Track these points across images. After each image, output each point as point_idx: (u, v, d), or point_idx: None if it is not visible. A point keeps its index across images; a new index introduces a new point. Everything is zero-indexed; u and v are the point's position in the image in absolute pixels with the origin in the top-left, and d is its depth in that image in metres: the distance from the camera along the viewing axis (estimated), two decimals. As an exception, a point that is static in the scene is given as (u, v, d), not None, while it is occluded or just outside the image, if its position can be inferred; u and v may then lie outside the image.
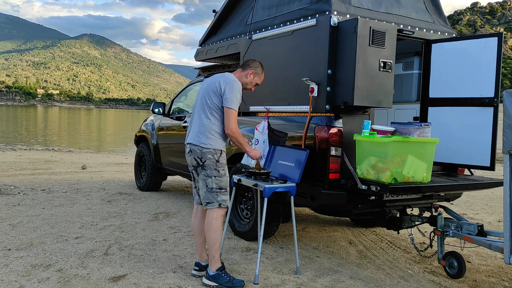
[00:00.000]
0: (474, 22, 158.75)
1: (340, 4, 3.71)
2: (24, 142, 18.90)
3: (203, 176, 3.18)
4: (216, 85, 3.18)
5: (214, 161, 3.16)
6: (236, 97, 3.15)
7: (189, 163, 3.26)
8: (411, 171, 3.38)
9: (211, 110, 3.17)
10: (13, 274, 3.27)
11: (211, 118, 3.17)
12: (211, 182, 3.16)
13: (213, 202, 3.17)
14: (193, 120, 3.31)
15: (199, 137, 3.17)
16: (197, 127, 3.21)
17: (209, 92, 3.20)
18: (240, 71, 3.36)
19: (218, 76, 3.27)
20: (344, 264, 3.79)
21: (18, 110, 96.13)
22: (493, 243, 3.25)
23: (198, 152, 3.16)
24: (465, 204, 6.66)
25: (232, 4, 5.27)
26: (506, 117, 2.81)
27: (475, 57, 3.91)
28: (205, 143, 3.15)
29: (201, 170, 3.18)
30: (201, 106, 3.23)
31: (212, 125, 3.17)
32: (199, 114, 3.23)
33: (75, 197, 6.23)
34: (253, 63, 3.38)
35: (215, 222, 3.17)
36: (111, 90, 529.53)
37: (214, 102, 3.17)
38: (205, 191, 3.19)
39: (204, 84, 3.33)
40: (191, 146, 3.21)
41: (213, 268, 3.16)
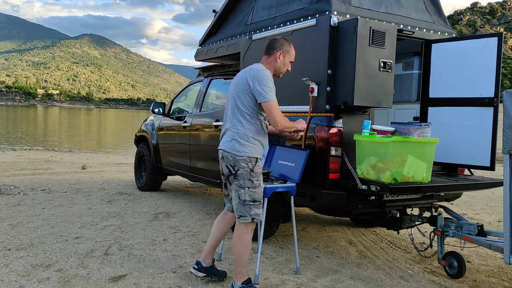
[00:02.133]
0: (474, 22, 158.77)
1: (340, 4, 3.71)
2: (24, 142, 18.90)
3: (236, 186, 2.91)
4: (243, 82, 2.92)
5: (248, 170, 2.88)
6: (268, 87, 2.86)
7: (221, 170, 3.01)
8: (411, 171, 3.38)
9: (243, 113, 2.91)
10: (13, 274, 3.27)
11: (243, 121, 2.91)
12: (244, 194, 2.89)
13: (246, 216, 2.90)
14: (225, 124, 3.04)
15: (232, 144, 2.90)
16: (230, 132, 2.95)
17: (238, 93, 2.94)
18: (266, 57, 3.05)
19: (243, 72, 2.99)
20: (344, 264, 3.79)
21: (18, 110, 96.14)
22: (493, 243, 3.25)
23: (230, 159, 2.89)
24: (465, 204, 6.66)
25: (232, 4, 5.27)
26: (506, 117, 2.81)
27: (475, 57, 3.91)
28: (239, 150, 2.87)
29: (233, 179, 2.91)
30: (232, 110, 2.96)
31: (245, 129, 2.90)
32: (230, 119, 2.97)
33: (75, 197, 6.23)
34: (277, 43, 3.05)
35: (245, 236, 2.94)
36: (111, 90, 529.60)
37: (245, 103, 2.91)
38: (237, 203, 2.92)
39: (232, 84, 3.05)
40: (223, 153, 2.95)
41: (239, 282, 2.98)
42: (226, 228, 3.23)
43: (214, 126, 5.13)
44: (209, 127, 5.25)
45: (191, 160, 5.66)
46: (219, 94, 5.63)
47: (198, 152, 5.53)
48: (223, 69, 5.82)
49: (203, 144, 5.42)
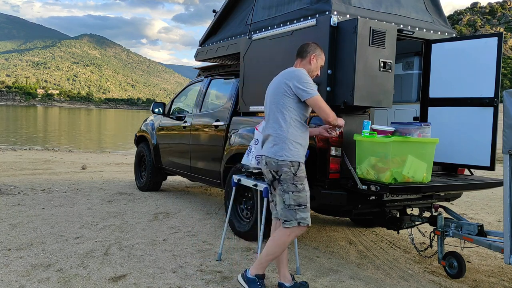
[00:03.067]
0: (474, 22, 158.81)
1: (340, 4, 3.71)
2: (24, 142, 18.90)
3: (280, 191, 2.92)
4: (281, 86, 2.92)
5: (291, 174, 2.86)
6: (309, 83, 2.87)
7: (266, 175, 3.02)
8: (411, 171, 3.38)
9: (284, 116, 2.89)
10: (13, 274, 3.27)
11: (284, 126, 2.89)
12: (288, 198, 2.87)
13: (292, 220, 2.87)
14: (265, 131, 3.04)
15: (274, 149, 2.90)
16: (271, 137, 2.94)
17: (276, 98, 2.94)
18: (299, 60, 3.08)
19: (278, 78, 3.00)
20: (344, 264, 3.79)
21: (18, 110, 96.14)
22: (493, 243, 3.25)
23: (273, 165, 2.90)
24: (465, 204, 6.66)
25: (232, 4, 5.27)
26: (506, 117, 2.81)
27: (475, 57, 3.91)
28: (281, 155, 2.87)
29: (277, 184, 2.92)
30: (273, 116, 2.95)
31: (287, 133, 2.89)
32: (272, 125, 2.96)
33: (75, 197, 6.23)
34: (310, 46, 3.07)
35: (284, 238, 2.91)
36: (111, 90, 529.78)
37: (287, 106, 2.89)
38: (282, 208, 2.91)
39: (268, 93, 3.06)
40: (267, 159, 2.95)
41: (253, 272, 2.98)
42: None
43: (214, 126, 5.13)
44: (209, 127, 5.25)
45: (191, 160, 5.67)
46: (219, 94, 5.64)
47: (198, 152, 5.53)
48: (223, 69, 5.82)
49: (203, 144, 5.42)
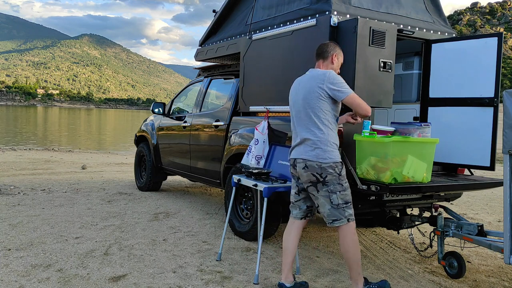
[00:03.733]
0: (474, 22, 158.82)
1: (340, 4, 3.71)
2: (24, 142, 18.90)
3: (325, 192, 2.92)
4: (314, 90, 2.93)
5: (336, 175, 2.91)
6: (342, 82, 2.93)
7: (305, 179, 2.98)
8: (411, 171, 3.38)
9: (322, 120, 2.93)
10: (13, 274, 3.27)
11: (323, 128, 2.93)
12: (336, 198, 2.91)
13: (341, 218, 2.92)
14: (299, 134, 3.03)
15: (316, 152, 2.91)
16: (310, 141, 2.94)
17: (311, 103, 2.95)
18: (321, 62, 3.10)
19: (310, 82, 2.99)
20: (344, 264, 3.79)
21: (18, 110, 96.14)
22: (493, 243, 3.25)
23: (316, 167, 2.90)
24: (465, 204, 6.66)
25: (232, 4, 5.27)
26: (506, 117, 2.80)
27: (475, 57, 3.91)
28: (324, 157, 2.90)
29: (322, 186, 2.92)
30: (308, 119, 2.96)
31: (327, 136, 2.93)
32: (308, 128, 2.97)
33: (75, 197, 6.23)
34: (330, 46, 3.11)
35: (354, 237, 2.94)
36: (111, 90, 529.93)
37: (323, 109, 2.93)
38: (329, 208, 2.93)
39: (300, 95, 3.03)
40: (307, 162, 2.93)
41: (361, 285, 2.98)
42: (298, 238, 3.18)
43: (214, 126, 5.13)
44: (209, 127, 5.25)
45: (191, 160, 5.67)
46: (219, 94, 5.64)
47: (198, 152, 5.53)
48: (223, 69, 5.82)
49: (203, 144, 5.42)
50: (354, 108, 2.97)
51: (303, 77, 3.13)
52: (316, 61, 3.15)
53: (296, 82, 3.18)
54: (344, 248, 2.96)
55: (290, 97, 3.19)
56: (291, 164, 3.11)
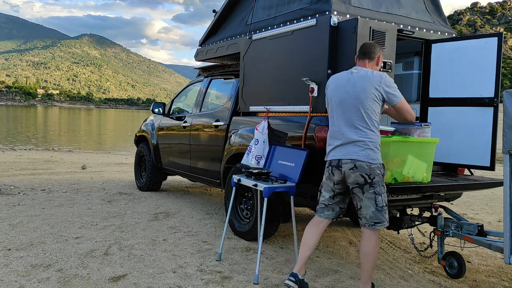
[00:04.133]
0: (474, 22, 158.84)
1: (340, 4, 3.71)
2: (24, 142, 18.90)
3: (371, 194, 2.89)
4: (370, 91, 2.90)
5: (381, 176, 2.91)
6: (396, 86, 2.96)
7: (352, 180, 2.92)
8: (411, 171, 3.38)
9: (373, 121, 2.92)
10: (13, 274, 3.27)
11: (374, 130, 2.92)
12: (381, 200, 2.90)
13: (383, 221, 2.92)
14: (346, 134, 2.96)
15: (366, 152, 2.88)
16: (361, 142, 2.90)
17: (365, 102, 2.90)
18: (367, 61, 3.06)
19: (365, 82, 2.93)
20: (344, 264, 3.79)
21: (18, 110, 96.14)
22: (493, 243, 3.25)
23: (366, 168, 2.86)
24: (465, 204, 6.66)
25: (232, 4, 5.27)
26: (506, 117, 2.80)
27: (475, 57, 3.91)
28: (374, 158, 2.88)
29: (369, 188, 2.88)
30: (359, 118, 2.91)
31: (377, 137, 2.93)
32: (358, 128, 2.92)
33: (75, 197, 6.23)
34: (377, 48, 3.09)
35: (378, 242, 2.99)
36: (111, 90, 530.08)
37: (375, 111, 2.92)
38: (373, 210, 2.90)
39: (351, 93, 2.95)
40: (357, 162, 2.88)
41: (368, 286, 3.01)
42: (319, 236, 3.17)
43: (214, 126, 5.13)
44: (209, 127, 5.25)
45: (191, 160, 5.67)
46: (219, 94, 5.64)
47: (198, 152, 5.53)
48: (223, 69, 5.82)
49: (203, 144, 5.42)
50: (403, 113, 3.01)
51: (349, 74, 3.03)
52: (361, 60, 3.10)
53: (340, 78, 3.07)
54: (367, 250, 2.95)
55: (332, 93, 3.07)
56: (334, 166, 2.99)
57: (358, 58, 3.13)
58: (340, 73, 3.15)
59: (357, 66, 3.09)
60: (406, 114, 3.04)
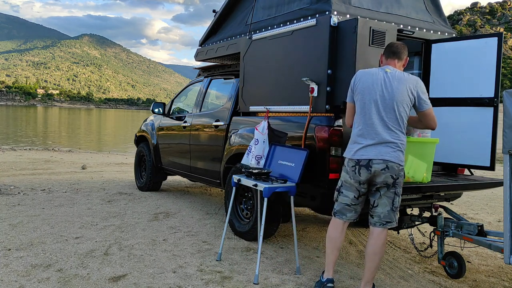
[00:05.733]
0: (474, 22, 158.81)
1: (340, 4, 3.71)
2: (25, 142, 18.90)
3: (392, 194, 2.92)
4: (407, 93, 2.91)
5: (403, 178, 2.97)
6: (426, 93, 3.01)
7: (381, 180, 2.90)
8: (411, 171, 3.38)
9: (404, 124, 2.94)
10: (13, 274, 3.27)
11: (404, 132, 2.95)
12: (397, 201, 2.95)
13: (393, 221, 2.96)
14: (377, 132, 2.92)
15: (397, 154, 2.90)
16: (393, 143, 2.90)
17: (402, 104, 2.91)
18: (396, 61, 3.07)
19: (400, 83, 2.92)
20: (344, 264, 3.79)
21: (18, 110, 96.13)
22: (493, 243, 3.25)
23: (396, 169, 2.89)
24: (465, 204, 6.66)
25: (232, 4, 5.27)
26: (506, 117, 2.80)
27: (475, 57, 3.91)
28: (402, 160, 2.92)
29: (391, 188, 2.92)
30: (394, 119, 2.91)
31: (406, 140, 2.97)
32: (388, 128, 2.91)
33: (75, 197, 6.23)
34: (405, 49, 3.10)
35: (385, 243, 3.02)
36: (111, 90, 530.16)
37: (407, 113, 2.95)
38: (388, 210, 2.94)
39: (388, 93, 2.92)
40: (389, 163, 2.87)
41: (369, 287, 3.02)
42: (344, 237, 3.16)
43: (214, 126, 5.13)
44: (209, 127, 5.25)
45: (191, 160, 5.67)
46: (219, 94, 5.64)
47: (198, 152, 5.53)
48: (223, 69, 5.82)
49: (203, 144, 5.42)
50: (428, 120, 3.02)
51: (385, 74, 2.98)
52: (389, 59, 3.08)
53: (374, 76, 2.99)
54: (374, 250, 2.95)
55: (363, 90, 2.99)
56: (363, 165, 2.92)
57: (386, 56, 3.10)
58: (370, 70, 3.06)
59: (388, 66, 3.05)
60: (431, 121, 3.04)
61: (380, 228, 2.96)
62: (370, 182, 2.97)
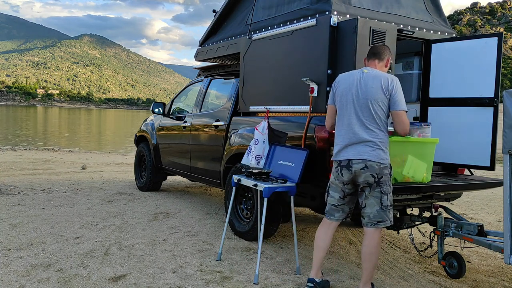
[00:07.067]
0: (474, 22, 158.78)
1: (340, 4, 3.71)
2: (24, 142, 18.89)
3: (378, 193, 2.92)
4: (381, 91, 2.92)
5: (389, 176, 2.94)
6: (402, 93, 2.96)
7: (362, 180, 2.93)
8: (411, 171, 3.38)
9: (382, 122, 2.94)
10: (13, 274, 3.27)
11: (384, 130, 2.95)
12: (386, 200, 2.93)
13: (386, 220, 2.95)
14: (355, 132, 2.95)
15: (377, 152, 2.90)
16: (371, 142, 2.91)
17: (376, 102, 2.92)
18: (377, 62, 3.08)
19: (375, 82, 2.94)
20: (344, 264, 3.79)
21: (18, 110, 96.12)
22: (493, 243, 3.25)
23: (376, 168, 2.88)
24: (465, 204, 6.66)
25: (232, 4, 5.27)
26: (506, 117, 2.80)
27: (475, 57, 3.91)
28: (383, 158, 2.91)
29: (376, 187, 2.91)
30: (370, 118, 2.93)
31: (386, 138, 2.96)
32: (368, 128, 2.93)
33: (75, 197, 6.23)
34: (386, 49, 3.12)
35: (380, 242, 3.00)
36: (111, 90, 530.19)
37: (385, 112, 2.94)
38: (378, 209, 2.93)
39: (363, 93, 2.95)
40: (368, 162, 2.89)
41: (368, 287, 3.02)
42: (331, 238, 3.17)
43: (214, 126, 5.13)
44: (209, 127, 5.25)
45: (191, 160, 5.67)
46: (219, 94, 5.64)
47: (198, 152, 5.53)
48: (223, 69, 5.82)
49: (203, 144, 5.42)
50: (397, 123, 2.97)
51: (362, 74, 3.01)
52: (370, 60, 3.11)
53: (351, 77, 3.04)
54: (370, 249, 2.96)
55: (342, 92, 3.04)
56: (343, 166, 2.98)
57: (368, 58, 3.13)
58: (350, 72, 3.12)
59: (368, 67, 3.09)
60: (399, 124, 2.95)
61: (372, 228, 2.96)
62: (354, 183, 3.00)
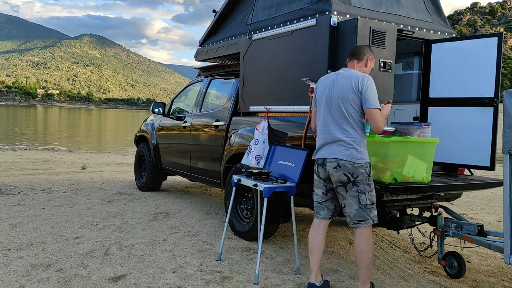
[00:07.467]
0: (474, 22, 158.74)
1: (340, 4, 3.71)
2: (25, 142, 18.89)
3: (355, 192, 2.93)
4: (352, 90, 2.93)
5: (366, 175, 2.94)
6: (376, 93, 2.94)
7: (335, 179, 2.97)
8: (411, 171, 3.38)
9: (355, 120, 2.95)
10: (13, 274, 3.27)
11: (357, 129, 2.95)
12: (364, 199, 2.94)
13: (367, 219, 2.96)
14: (330, 133, 3.00)
15: (349, 152, 2.92)
16: (344, 141, 2.94)
17: (347, 102, 2.94)
18: (356, 62, 3.09)
19: (346, 81, 2.97)
20: (344, 264, 3.79)
21: (18, 110, 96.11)
22: (493, 243, 3.25)
23: (349, 167, 2.90)
24: (465, 204, 6.66)
25: (232, 4, 5.27)
26: (506, 117, 2.80)
27: (475, 57, 3.91)
28: (358, 158, 2.91)
29: (352, 186, 2.93)
30: (342, 117, 2.95)
31: (361, 136, 2.96)
32: (341, 127, 2.96)
33: (75, 197, 6.23)
34: (366, 49, 3.12)
35: (371, 239, 3.00)
36: (111, 90, 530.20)
37: (357, 111, 2.94)
38: (357, 209, 2.95)
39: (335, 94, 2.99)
40: (340, 161, 2.92)
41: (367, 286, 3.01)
42: (324, 238, 3.17)
43: (214, 126, 5.13)
44: (209, 127, 5.25)
45: (191, 160, 5.67)
46: (219, 94, 5.64)
47: (198, 152, 5.53)
48: (223, 69, 5.82)
49: (203, 144, 5.42)
50: (370, 121, 2.96)
51: (337, 75, 3.06)
52: (350, 61, 3.13)
53: (328, 78, 3.11)
54: (360, 248, 2.97)
55: (320, 93, 3.12)
56: (319, 164, 3.06)
57: (348, 59, 3.16)
58: (329, 74, 3.19)
59: (346, 67, 3.13)
60: (372, 122, 2.93)
61: (355, 227, 2.99)
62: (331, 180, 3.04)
